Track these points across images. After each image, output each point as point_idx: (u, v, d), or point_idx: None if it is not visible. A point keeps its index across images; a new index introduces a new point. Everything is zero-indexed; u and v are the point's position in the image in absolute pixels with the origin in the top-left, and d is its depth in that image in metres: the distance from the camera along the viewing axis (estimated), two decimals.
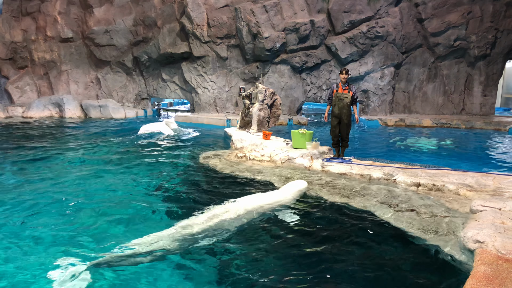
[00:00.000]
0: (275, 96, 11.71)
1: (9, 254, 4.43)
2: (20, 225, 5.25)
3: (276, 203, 5.88)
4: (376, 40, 18.05)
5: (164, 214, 5.84)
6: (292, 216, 5.64)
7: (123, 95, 20.95)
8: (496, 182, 6.52)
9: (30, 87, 20.69)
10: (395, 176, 7.07)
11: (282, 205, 5.92)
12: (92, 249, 4.54)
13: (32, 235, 4.93)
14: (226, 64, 18.64)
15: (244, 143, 10.08)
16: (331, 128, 8.68)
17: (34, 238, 4.85)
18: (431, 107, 19.61)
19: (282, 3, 17.46)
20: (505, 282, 3.26)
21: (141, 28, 19.83)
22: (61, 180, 7.56)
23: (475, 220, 4.66)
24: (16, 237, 4.89)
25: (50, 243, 4.74)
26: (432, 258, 4.41)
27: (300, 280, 3.99)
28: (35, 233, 4.99)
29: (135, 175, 8.11)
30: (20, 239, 4.83)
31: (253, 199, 5.79)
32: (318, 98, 19.04)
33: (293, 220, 5.49)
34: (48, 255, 4.38)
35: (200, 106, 19.26)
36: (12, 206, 5.95)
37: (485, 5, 18.27)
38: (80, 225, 5.30)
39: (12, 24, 20.22)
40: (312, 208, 5.98)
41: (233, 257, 4.50)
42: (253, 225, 5.24)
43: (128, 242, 4.52)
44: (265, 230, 5.18)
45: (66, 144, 11.64)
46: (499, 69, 19.24)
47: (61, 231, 5.06)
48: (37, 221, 5.39)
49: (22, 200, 6.23)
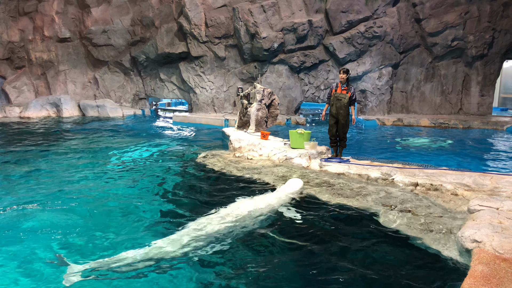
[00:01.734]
0: (273, 96, 11.71)
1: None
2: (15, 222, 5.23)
3: (275, 204, 5.84)
4: (374, 40, 18.07)
5: (162, 215, 5.82)
6: (295, 215, 5.65)
7: (121, 95, 20.91)
8: (493, 181, 6.53)
9: (27, 87, 20.63)
10: (393, 176, 7.08)
11: (281, 205, 5.90)
12: (86, 251, 4.52)
13: (27, 233, 4.91)
14: (224, 64, 18.63)
15: (242, 143, 10.07)
16: (329, 128, 8.69)
17: (28, 235, 4.84)
18: (428, 107, 19.64)
19: (280, 3, 17.46)
20: (502, 282, 3.26)
21: (139, 28, 19.81)
22: (57, 181, 7.54)
23: (473, 220, 4.67)
24: (13, 233, 4.88)
25: (43, 242, 4.73)
26: (430, 258, 4.41)
27: (299, 280, 3.99)
28: (30, 231, 4.97)
29: (133, 175, 8.10)
30: (14, 236, 4.81)
31: (251, 203, 5.72)
32: (316, 98, 19.04)
33: (296, 218, 5.49)
34: (40, 257, 4.36)
35: (198, 106, 19.25)
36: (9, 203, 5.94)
37: (483, 5, 18.31)
38: (75, 226, 5.28)
39: (9, 24, 20.16)
40: (310, 208, 5.97)
41: (234, 258, 4.49)
42: (252, 228, 5.22)
43: (122, 245, 4.51)
44: (263, 232, 5.17)
45: (63, 144, 11.60)
46: (496, 69, 19.28)
47: (55, 233, 5.04)
48: (33, 219, 5.38)
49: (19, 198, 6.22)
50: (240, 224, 5.12)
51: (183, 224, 5.21)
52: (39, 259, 4.32)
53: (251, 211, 5.39)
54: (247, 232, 5.05)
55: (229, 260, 4.44)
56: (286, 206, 5.91)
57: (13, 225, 5.24)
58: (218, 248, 4.61)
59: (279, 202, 5.96)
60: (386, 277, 4.03)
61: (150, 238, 4.85)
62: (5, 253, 4.46)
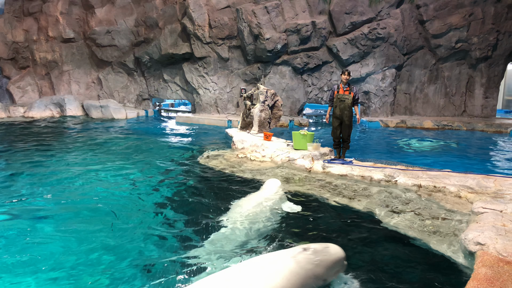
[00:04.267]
0: (276, 97, 11.72)
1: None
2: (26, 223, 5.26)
3: (268, 212, 5.60)
4: (377, 42, 18.05)
5: (163, 215, 5.83)
6: (292, 208, 5.69)
7: (124, 96, 20.97)
8: (497, 184, 6.50)
9: (31, 87, 20.73)
10: (396, 177, 7.06)
11: (273, 209, 5.72)
12: (88, 250, 4.54)
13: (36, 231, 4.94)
14: (228, 65, 18.65)
15: (245, 144, 10.08)
16: (332, 129, 8.67)
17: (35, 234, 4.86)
18: (432, 108, 19.59)
19: (283, 4, 17.47)
20: (506, 285, 3.25)
21: (143, 29, 19.87)
22: (61, 179, 7.57)
23: (476, 222, 4.65)
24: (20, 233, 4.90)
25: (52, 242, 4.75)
26: (433, 260, 4.40)
27: None
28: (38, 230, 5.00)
29: (135, 175, 8.11)
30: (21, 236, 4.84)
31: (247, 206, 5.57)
32: (319, 100, 19.03)
33: (295, 211, 5.47)
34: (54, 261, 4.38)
35: (201, 107, 19.27)
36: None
37: (487, 7, 18.26)
38: (79, 226, 5.30)
39: (14, 24, 20.27)
40: (313, 210, 5.96)
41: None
42: (251, 231, 5.21)
43: (123, 245, 4.51)
44: (264, 232, 5.16)
45: (67, 144, 11.64)
46: (500, 71, 19.22)
47: (64, 232, 5.07)
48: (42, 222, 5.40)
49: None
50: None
51: (183, 223, 5.22)
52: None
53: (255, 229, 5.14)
54: (248, 236, 5.01)
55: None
56: (287, 207, 5.88)
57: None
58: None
59: (272, 207, 5.74)
60: (388, 279, 4.02)
61: (150, 237, 4.87)
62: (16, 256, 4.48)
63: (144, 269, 4.14)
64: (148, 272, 4.09)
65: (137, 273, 4.06)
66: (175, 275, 3.96)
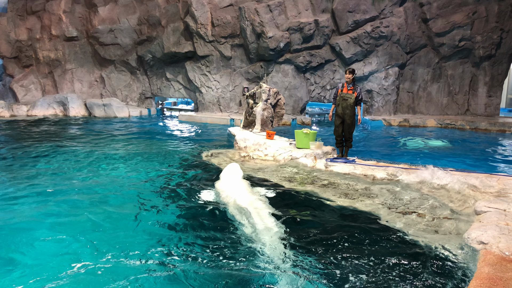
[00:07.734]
0: (278, 96, 11.71)
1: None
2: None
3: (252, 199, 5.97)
4: (380, 40, 18.00)
5: (163, 214, 5.83)
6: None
7: (127, 94, 21.00)
8: (500, 183, 6.48)
9: (34, 86, 20.78)
10: (399, 176, 7.05)
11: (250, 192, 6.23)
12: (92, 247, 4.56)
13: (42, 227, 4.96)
14: (230, 64, 18.65)
15: (247, 142, 10.08)
16: (334, 128, 8.66)
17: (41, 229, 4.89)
18: (435, 107, 19.54)
19: (286, 2, 17.44)
20: (509, 284, 3.24)
21: (146, 27, 19.88)
22: (66, 176, 7.60)
23: (479, 221, 4.64)
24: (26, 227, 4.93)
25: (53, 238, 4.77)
26: (436, 259, 4.39)
27: (301, 280, 3.99)
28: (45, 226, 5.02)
29: (138, 173, 8.13)
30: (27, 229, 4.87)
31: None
32: (322, 98, 19.01)
33: (298, 217, 5.51)
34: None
35: (204, 106, 19.29)
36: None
37: (490, 5, 18.18)
38: (84, 223, 5.32)
39: (17, 23, 20.32)
40: (315, 208, 5.96)
41: (233, 261, 4.50)
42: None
43: (124, 245, 4.57)
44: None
45: (72, 141, 11.68)
46: (504, 69, 19.13)
47: (67, 228, 5.09)
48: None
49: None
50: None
51: (182, 223, 5.24)
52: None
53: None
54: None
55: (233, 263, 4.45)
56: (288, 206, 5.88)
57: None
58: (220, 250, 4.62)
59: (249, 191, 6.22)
60: (390, 278, 4.01)
61: (150, 236, 4.91)
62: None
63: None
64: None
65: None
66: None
